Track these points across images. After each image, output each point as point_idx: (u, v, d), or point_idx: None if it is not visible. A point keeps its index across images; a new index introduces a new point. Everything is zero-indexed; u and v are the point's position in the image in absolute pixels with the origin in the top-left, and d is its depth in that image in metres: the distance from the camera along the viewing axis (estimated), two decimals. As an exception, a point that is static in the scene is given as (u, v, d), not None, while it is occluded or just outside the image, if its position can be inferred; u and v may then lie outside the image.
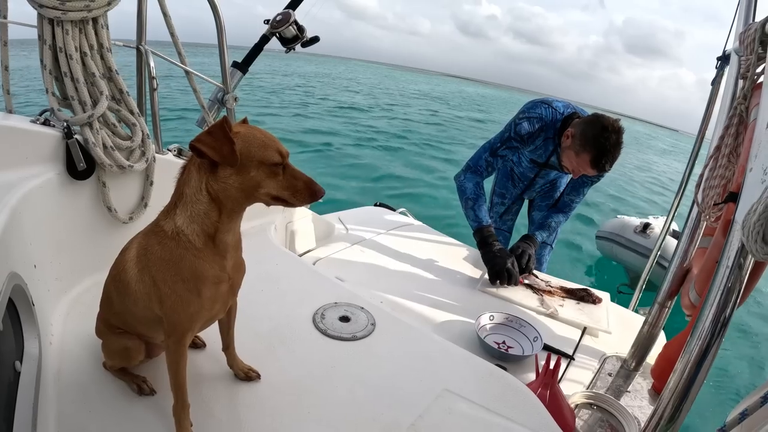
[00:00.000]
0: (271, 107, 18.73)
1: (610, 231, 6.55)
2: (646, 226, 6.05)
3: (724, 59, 2.07)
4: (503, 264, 2.49)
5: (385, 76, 72.19)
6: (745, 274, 1.15)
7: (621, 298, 3.42)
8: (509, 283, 2.50)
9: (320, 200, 1.15)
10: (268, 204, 1.13)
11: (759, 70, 1.56)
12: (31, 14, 1.54)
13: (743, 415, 1.04)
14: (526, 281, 2.57)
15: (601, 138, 2.30)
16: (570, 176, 2.87)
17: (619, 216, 6.87)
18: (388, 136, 15.75)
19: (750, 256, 1.12)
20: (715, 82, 2.17)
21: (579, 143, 2.38)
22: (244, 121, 1.17)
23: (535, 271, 2.67)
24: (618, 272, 6.56)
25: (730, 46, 1.93)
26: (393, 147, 14.01)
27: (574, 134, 2.42)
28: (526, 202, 3.53)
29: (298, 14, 2.22)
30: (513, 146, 2.67)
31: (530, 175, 3.09)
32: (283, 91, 25.43)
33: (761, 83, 1.49)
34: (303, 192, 1.11)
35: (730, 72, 1.82)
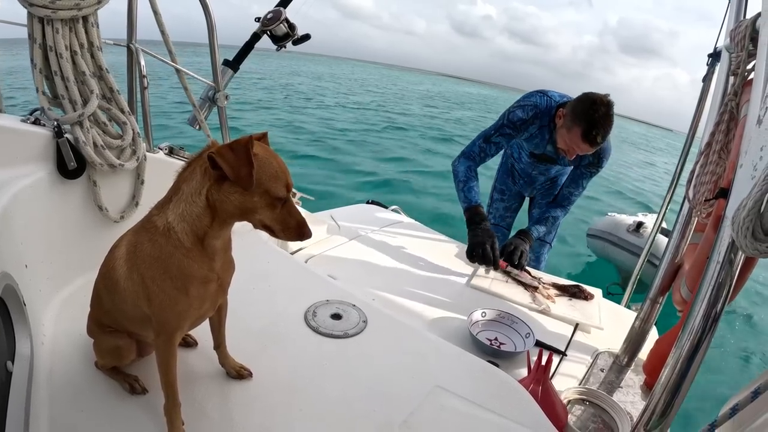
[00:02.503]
0: (276, 103, 19.01)
1: (601, 229, 6.45)
2: (640, 225, 5.99)
3: (715, 56, 2.08)
4: (481, 243, 2.50)
5: (382, 75, 72.34)
6: (736, 269, 1.16)
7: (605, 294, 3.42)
8: (484, 264, 2.51)
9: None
10: (255, 227, 1.14)
11: (749, 66, 1.57)
12: (21, 13, 1.54)
13: (734, 410, 1.04)
14: (519, 277, 2.57)
15: (590, 111, 2.33)
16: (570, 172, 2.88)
17: (610, 214, 6.78)
18: (382, 133, 15.79)
19: (740, 252, 1.12)
20: (706, 79, 2.18)
21: (570, 119, 2.42)
22: (264, 136, 1.17)
23: (527, 267, 2.67)
24: (609, 271, 6.52)
25: (721, 43, 1.94)
26: (386, 145, 14.02)
27: (566, 113, 2.47)
28: (526, 201, 3.54)
29: (290, 12, 2.22)
30: (506, 133, 2.68)
31: (530, 171, 3.11)
32: (292, 86, 25.75)
33: (751, 80, 1.50)
34: (293, 230, 1.12)
35: (721, 69, 1.83)
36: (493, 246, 2.50)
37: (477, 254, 2.49)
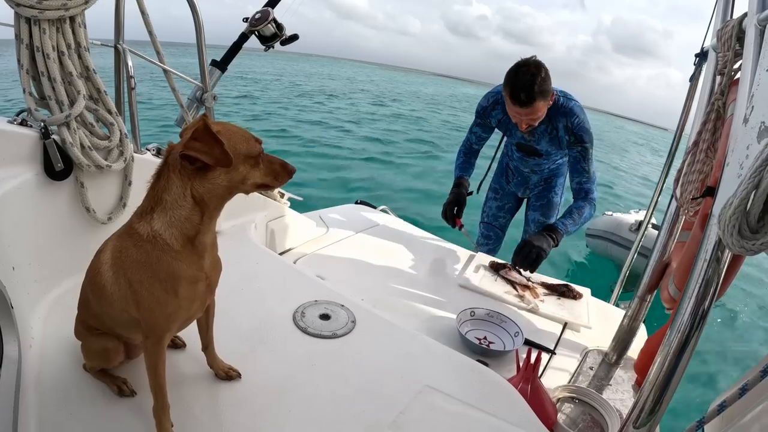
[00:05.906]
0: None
1: (603, 229, 6.45)
2: (641, 224, 5.97)
3: (702, 56, 2.09)
4: (446, 203, 2.92)
5: (381, 76, 72.74)
6: (723, 267, 1.16)
7: (607, 293, 3.41)
8: (446, 219, 2.91)
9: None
10: (248, 193, 1.17)
11: (736, 66, 1.58)
12: (7, 14, 1.52)
13: (722, 407, 1.05)
14: (508, 276, 2.58)
15: (513, 74, 2.39)
16: (566, 171, 2.89)
17: (607, 212, 6.76)
18: (373, 131, 15.85)
19: (728, 250, 1.13)
20: (694, 79, 2.19)
21: (502, 86, 2.50)
22: (204, 116, 1.16)
23: (516, 267, 2.66)
24: (608, 269, 6.49)
25: (708, 43, 1.95)
26: (380, 144, 14.05)
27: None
28: (522, 204, 3.54)
29: (282, 10, 2.21)
30: (478, 123, 2.94)
31: (522, 168, 3.15)
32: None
33: (738, 79, 1.51)
34: (282, 174, 1.19)
35: (707, 68, 1.84)
36: (450, 204, 2.90)
37: (443, 211, 2.90)
